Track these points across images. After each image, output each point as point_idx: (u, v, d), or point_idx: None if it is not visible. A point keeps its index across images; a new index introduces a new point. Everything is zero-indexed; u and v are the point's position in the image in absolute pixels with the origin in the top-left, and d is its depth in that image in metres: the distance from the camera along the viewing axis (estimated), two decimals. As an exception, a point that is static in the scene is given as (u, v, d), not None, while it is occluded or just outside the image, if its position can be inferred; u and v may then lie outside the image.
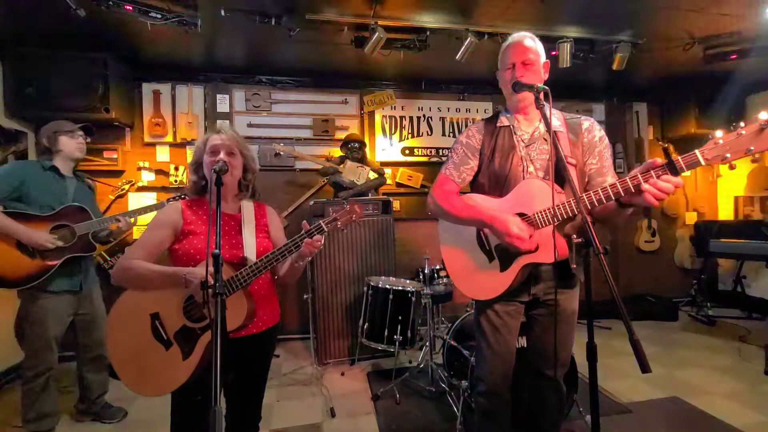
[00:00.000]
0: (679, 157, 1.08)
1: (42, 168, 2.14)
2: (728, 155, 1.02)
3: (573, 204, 1.27)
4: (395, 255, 3.48)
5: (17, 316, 2.14)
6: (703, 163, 1.05)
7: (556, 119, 1.51)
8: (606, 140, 1.49)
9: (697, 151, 1.06)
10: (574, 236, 1.37)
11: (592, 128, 1.49)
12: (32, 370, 2.12)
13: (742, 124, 1.01)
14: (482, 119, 1.60)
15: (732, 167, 1.03)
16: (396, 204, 4.06)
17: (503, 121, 1.54)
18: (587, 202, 1.24)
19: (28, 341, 2.11)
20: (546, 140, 1.46)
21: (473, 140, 1.54)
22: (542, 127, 1.47)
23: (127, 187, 3.57)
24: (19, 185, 2.04)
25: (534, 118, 1.51)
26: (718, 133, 1.04)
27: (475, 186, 1.58)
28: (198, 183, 1.42)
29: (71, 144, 2.19)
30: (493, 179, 1.50)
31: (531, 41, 1.47)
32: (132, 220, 2.34)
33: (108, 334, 1.33)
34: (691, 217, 4.89)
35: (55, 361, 2.17)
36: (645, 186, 1.11)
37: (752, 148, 1.00)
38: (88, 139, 2.33)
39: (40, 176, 2.11)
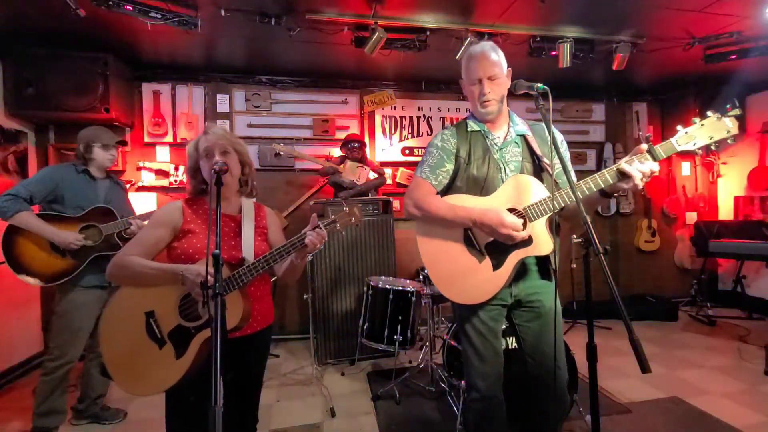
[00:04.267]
0: (656, 146, 1.29)
1: (75, 171, 2.28)
2: (696, 142, 1.28)
3: (564, 194, 1.32)
4: (395, 255, 3.48)
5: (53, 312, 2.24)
6: (677, 148, 1.29)
7: (523, 124, 1.57)
8: (565, 142, 1.55)
9: (671, 139, 1.29)
10: (574, 236, 1.37)
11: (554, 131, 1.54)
12: (54, 362, 2.17)
13: (696, 120, 1.29)
14: (452, 125, 1.62)
15: (697, 153, 1.32)
16: (396, 204, 4.06)
17: (473, 126, 1.55)
18: (585, 189, 1.30)
19: (54, 333, 2.19)
20: (518, 144, 1.53)
21: (449, 144, 1.54)
22: (513, 132, 1.53)
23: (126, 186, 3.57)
24: (55, 188, 2.18)
25: (501, 125, 1.55)
26: (682, 127, 1.30)
27: (451, 189, 1.55)
28: (198, 187, 1.42)
29: (103, 155, 2.33)
30: (471, 182, 1.50)
31: (494, 54, 1.46)
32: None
33: (102, 332, 1.31)
34: (691, 217, 4.89)
35: (77, 356, 2.22)
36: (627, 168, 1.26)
37: (713, 135, 1.27)
38: (121, 148, 2.42)
39: (73, 179, 2.25)
